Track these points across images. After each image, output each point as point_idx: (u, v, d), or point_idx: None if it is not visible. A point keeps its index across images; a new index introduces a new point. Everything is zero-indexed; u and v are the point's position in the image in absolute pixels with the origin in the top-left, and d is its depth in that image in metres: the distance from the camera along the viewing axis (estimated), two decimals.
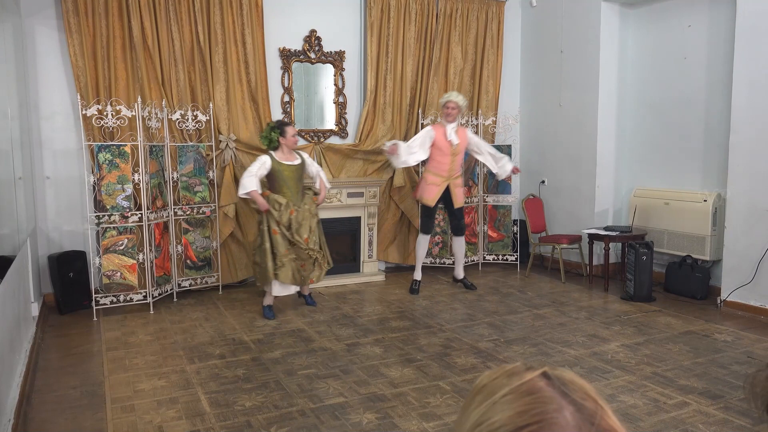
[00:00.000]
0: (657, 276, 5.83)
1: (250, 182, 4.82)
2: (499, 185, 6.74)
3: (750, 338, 4.44)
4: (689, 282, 5.53)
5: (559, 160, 6.83)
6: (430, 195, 5.59)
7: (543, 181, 7.07)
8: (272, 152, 4.98)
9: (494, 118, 6.98)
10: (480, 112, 6.89)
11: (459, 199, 5.71)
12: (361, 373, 3.83)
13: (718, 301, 5.22)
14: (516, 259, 6.79)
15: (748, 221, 4.99)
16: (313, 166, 5.21)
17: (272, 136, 4.99)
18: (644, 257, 5.42)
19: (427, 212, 5.70)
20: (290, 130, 4.99)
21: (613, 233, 5.84)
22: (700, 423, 3.11)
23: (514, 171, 5.83)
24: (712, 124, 5.58)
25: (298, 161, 5.05)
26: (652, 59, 6.17)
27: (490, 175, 6.74)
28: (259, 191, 4.86)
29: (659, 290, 5.74)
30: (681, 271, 5.60)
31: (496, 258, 6.88)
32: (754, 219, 4.94)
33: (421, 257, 5.81)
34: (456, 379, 3.73)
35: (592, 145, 6.42)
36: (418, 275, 5.84)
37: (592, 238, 6.00)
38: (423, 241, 5.77)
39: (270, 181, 4.99)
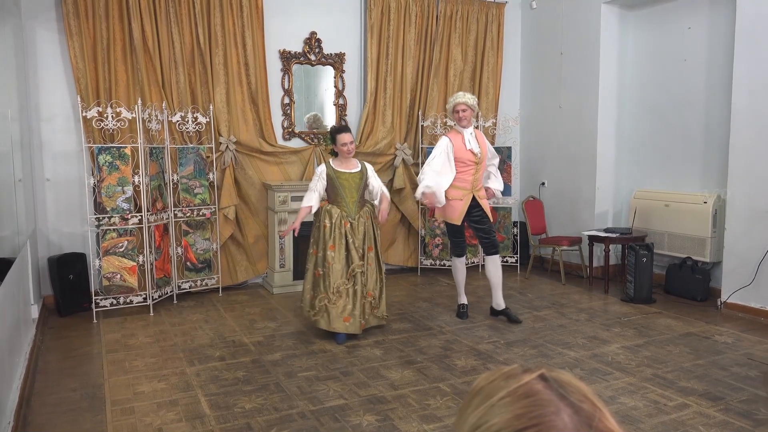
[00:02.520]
0: (657, 278, 5.82)
1: (308, 198, 4.49)
2: None
3: (750, 340, 4.44)
4: (689, 284, 5.52)
5: (559, 162, 6.83)
6: (455, 212, 4.81)
7: (543, 183, 7.07)
8: (331, 160, 4.63)
9: (494, 120, 6.98)
10: (480, 114, 6.89)
11: (488, 210, 4.94)
12: (361, 375, 3.83)
13: (719, 303, 5.22)
14: (516, 260, 6.79)
15: (748, 223, 4.98)
16: (374, 179, 4.67)
17: (329, 143, 4.74)
18: (644, 259, 5.42)
19: (455, 231, 4.95)
20: (341, 138, 4.51)
21: (614, 235, 5.84)
22: (700, 425, 3.11)
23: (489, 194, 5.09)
24: (712, 126, 5.58)
25: (357, 169, 4.58)
26: (652, 61, 6.17)
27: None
28: (316, 205, 4.50)
29: (659, 292, 5.73)
30: (681, 272, 5.60)
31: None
32: (754, 220, 4.94)
33: (460, 282, 5.08)
34: (456, 381, 3.72)
35: (592, 147, 6.42)
36: (463, 298, 5.14)
37: (593, 239, 5.99)
38: (459, 265, 5.03)
39: (327, 192, 4.59)
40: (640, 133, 6.36)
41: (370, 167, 4.70)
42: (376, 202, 4.68)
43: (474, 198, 4.83)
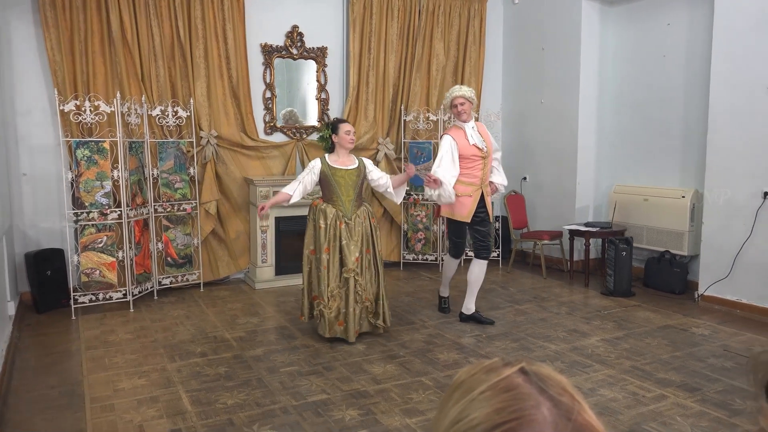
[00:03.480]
0: (636, 271, 5.90)
1: (292, 186, 4.26)
2: None
3: (726, 332, 4.52)
4: (668, 277, 5.61)
5: (541, 157, 6.88)
6: (465, 209, 4.56)
7: (525, 178, 7.12)
8: (326, 155, 4.36)
9: (476, 115, 6.98)
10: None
11: (491, 210, 4.75)
12: (344, 369, 3.83)
13: (696, 296, 5.31)
14: (498, 255, 6.83)
15: (724, 217, 5.07)
16: (377, 173, 4.43)
17: (326, 133, 4.42)
18: (624, 253, 5.49)
19: (459, 231, 4.71)
20: (344, 127, 4.29)
21: (594, 229, 5.90)
22: (677, 416, 3.16)
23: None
24: (690, 122, 5.65)
25: (353, 165, 4.32)
26: (632, 57, 6.23)
27: None
28: (298, 198, 4.25)
29: (638, 285, 5.81)
30: (660, 266, 5.68)
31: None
32: (730, 215, 5.02)
33: (448, 277, 4.96)
34: (438, 374, 3.74)
35: (573, 142, 6.48)
36: (446, 291, 5.04)
37: (573, 234, 6.05)
38: (453, 264, 4.86)
39: (322, 189, 4.39)
40: (620, 129, 6.43)
41: (369, 162, 4.46)
42: (390, 190, 4.45)
43: (482, 195, 4.63)
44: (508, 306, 5.26)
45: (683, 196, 5.63)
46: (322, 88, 6.45)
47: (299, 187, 4.26)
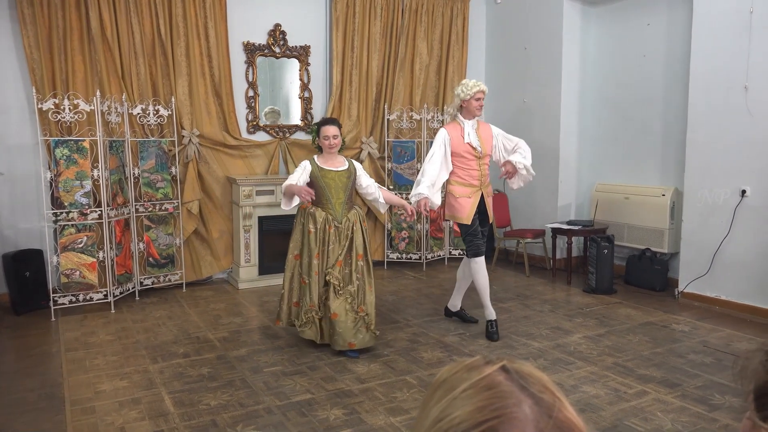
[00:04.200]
0: (618, 269, 5.97)
1: (291, 179, 4.06)
2: None
3: (706, 328, 4.58)
4: (648, 274, 5.68)
5: None
6: (465, 211, 4.40)
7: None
8: (315, 156, 4.20)
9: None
10: (446, 108, 6.92)
11: (491, 211, 4.60)
12: (328, 369, 3.82)
13: (676, 293, 5.38)
14: None
15: (703, 215, 5.14)
16: (365, 178, 4.27)
17: (313, 135, 4.30)
18: (605, 251, 5.54)
19: (470, 230, 4.44)
20: (326, 130, 4.08)
21: (576, 227, 5.96)
22: (658, 411, 3.20)
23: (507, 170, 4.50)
24: (670, 121, 5.72)
25: (343, 167, 4.14)
26: (613, 57, 6.30)
27: None
28: (297, 200, 4.08)
29: (620, 283, 5.87)
30: (640, 263, 5.75)
31: (461, 252, 6.93)
32: (709, 213, 5.10)
33: (484, 289, 4.44)
34: (422, 373, 3.75)
35: (555, 141, 6.53)
36: (491, 313, 4.46)
37: (556, 232, 6.10)
38: (479, 268, 4.41)
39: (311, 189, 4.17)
40: (602, 128, 6.49)
41: (358, 165, 4.28)
42: (381, 200, 4.28)
43: (482, 196, 4.47)
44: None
45: (663, 195, 5.70)
46: (305, 87, 6.43)
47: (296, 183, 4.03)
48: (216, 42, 5.80)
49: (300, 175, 4.08)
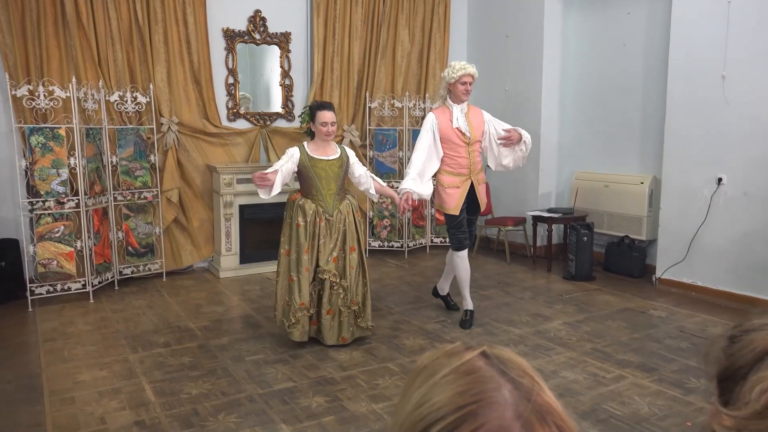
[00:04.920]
0: (597, 256, 6.04)
1: (269, 169, 3.80)
2: None
3: (682, 314, 4.67)
4: (627, 261, 5.76)
5: None
6: (452, 201, 4.27)
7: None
8: (305, 144, 3.93)
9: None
10: (427, 95, 6.91)
11: (483, 200, 4.46)
12: (310, 357, 3.83)
13: (654, 279, 5.46)
14: None
15: (681, 202, 5.22)
16: (358, 167, 4.04)
17: (305, 119, 4.02)
18: (585, 238, 5.61)
19: (454, 222, 4.32)
20: (324, 115, 3.81)
21: (556, 215, 6.01)
22: (635, 395, 3.26)
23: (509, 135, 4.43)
24: (648, 110, 5.78)
25: (335, 155, 3.90)
26: (593, 46, 6.33)
27: None
28: (278, 188, 3.77)
29: (599, 269, 5.95)
30: (619, 250, 5.82)
31: (443, 240, 6.96)
32: (686, 200, 5.17)
33: (465, 281, 4.41)
34: (404, 360, 3.77)
35: (536, 129, 6.55)
36: (468, 304, 4.45)
37: (536, 220, 6.15)
38: (461, 261, 4.36)
39: (300, 181, 3.98)
40: (582, 116, 6.53)
41: (351, 153, 4.04)
42: (372, 192, 4.11)
43: (472, 185, 4.32)
44: (473, 291, 5.30)
45: (642, 183, 5.76)
46: (285, 74, 6.37)
47: (278, 177, 3.76)
48: (195, 28, 5.72)
49: (284, 163, 3.81)
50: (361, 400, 3.22)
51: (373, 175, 4.16)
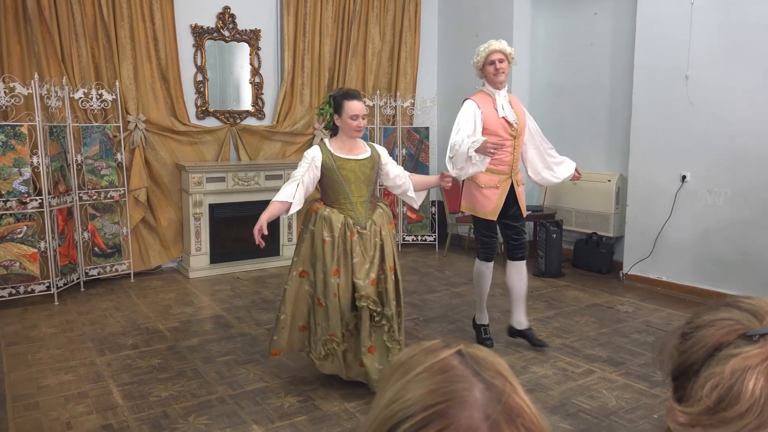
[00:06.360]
0: (566, 252, 6.13)
1: (288, 189, 3.12)
2: (417, 166, 6.82)
3: (648, 308, 4.77)
4: (595, 257, 5.86)
5: None
6: (490, 204, 3.68)
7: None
8: (327, 141, 3.25)
9: (412, 101, 7.04)
10: (398, 94, 6.92)
11: (523, 203, 3.83)
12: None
13: (621, 275, 5.57)
14: (434, 239, 6.93)
15: (647, 200, 5.33)
16: (393, 167, 3.35)
17: (325, 111, 3.23)
18: (554, 235, 5.69)
19: (487, 229, 3.79)
20: (354, 106, 3.13)
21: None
22: (604, 389, 3.32)
23: (577, 175, 4.08)
24: (615, 109, 5.89)
25: (366, 154, 3.23)
26: (562, 45, 6.41)
27: (409, 155, 6.81)
28: (299, 204, 3.13)
29: (568, 266, 6.04)
30: (587, 247, 5.92)
31: (415, 239, 6.99)
32: (652, 197, 5.29)
33: (483, 295, 3.95)
34: None
35: None
36: (484, 318, 4.00)
37: None
38: (486, 272, 3.87)
39: (323, 188, 3.25)
40: (550, 115, 6.61)
41: (383, 150, 3.36)
42: (412, 194, 3.42)
43: (512, 186, 3.73)
44: (444, 289, 5.36)
45: (609, 180, 5.87)
46: (255, 71, 6.30)
47: (299, 190, 3.11)
48: (162, 24, 5.62)
49: (305, 172, 3.11)
50: (334, 399, 3.21)
51: (411, 174, 3.47)
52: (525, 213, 3.85)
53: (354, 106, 3.11)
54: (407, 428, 0.54)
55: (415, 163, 6.80)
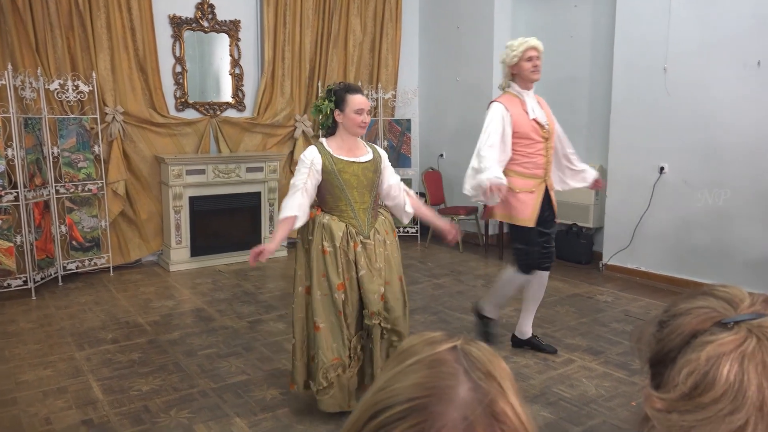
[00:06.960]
0: None
1: (290, 202, 2.78)
2: (399, 158, 6.82)
3: (627, 298, 4.84)
4: (575, 248, 5.92)
5: (457, 134, 7.01)
6: (527, 210, 3.44)
7: (441, 155, 7.24)
8: (324, 140, 2.93)
9: (394, 92, 7.02)
10: (380, 86, 6.90)
11: (555, 207, 3.66)
12: (264, 349, 3.79)
13: (600, 265, 5.64)
14: (416, 231, 6.94)
15: (625, 191, 5.40)
16: (389, 174, 3.02)
17: (325, 106, 2.91)
18: None
19: (527, 238, 3.48)
20: (356, 101, 2.83)
21: None
22: (583, 377, 3.37)
23: (597, 185, 3.89)
24: (595, 101, 5.94)
25: (367, 156, 2.92)
26: (542, 37, 6.32)
27: (391, 147, 6.80)
28: (305, 216, 2.81)
29: None
30: (568, 238, 5.98)
31: (397, 231, 6.98)
32: (631, 189, 5.35)
33: (507, 297, 3.77)
34: None
35: None
36: (494, 311, 3.77)
37: None
38: (518, 282, 3.64)
39: (321, 191, 2.88)
40: None
41: (383, 153, 3.04)
42: (409, 209, 3.12)
43: (546, 189, 3.53)
44: (427, 280, 5.38)
45: None
46: (235, 63, 6.24)
47: (303, 200, 2.78)
48: (139, 14, 5.53)
49: (305, 178, 2.79)
50: None
51: (408, 189, 3.15)
52: (557, 218, 3.70)
53: (358, 100, 2.84)
54: (386, 418, 0.54)
55: (397, 155, 6.79)
